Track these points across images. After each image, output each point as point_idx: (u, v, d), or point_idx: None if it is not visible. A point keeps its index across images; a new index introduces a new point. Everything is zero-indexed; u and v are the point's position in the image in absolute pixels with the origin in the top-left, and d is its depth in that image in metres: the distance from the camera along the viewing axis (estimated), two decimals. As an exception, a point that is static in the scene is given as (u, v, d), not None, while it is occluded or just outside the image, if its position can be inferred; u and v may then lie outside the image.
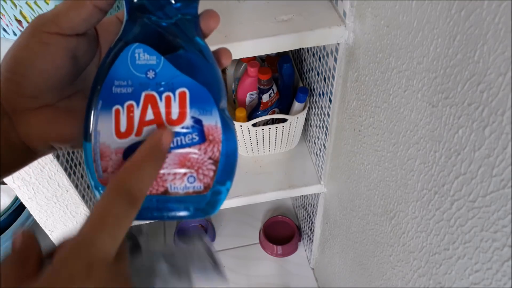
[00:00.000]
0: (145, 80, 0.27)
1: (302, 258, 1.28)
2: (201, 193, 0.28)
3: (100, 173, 0.27)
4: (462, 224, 0.41)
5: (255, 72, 0.84)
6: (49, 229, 0.89)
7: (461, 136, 0.38)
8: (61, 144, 0.29)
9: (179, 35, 0.27)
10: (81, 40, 0.28)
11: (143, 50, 0.27)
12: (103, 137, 0.27)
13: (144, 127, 0.27)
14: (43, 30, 0.26)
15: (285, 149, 0.97)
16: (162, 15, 0.27)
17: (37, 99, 0.28)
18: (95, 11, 0.26)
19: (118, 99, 0.27)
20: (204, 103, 0.27)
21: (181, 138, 0.27)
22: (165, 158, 0.27)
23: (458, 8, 0.35)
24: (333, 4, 0.62)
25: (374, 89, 0.56)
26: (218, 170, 0.28)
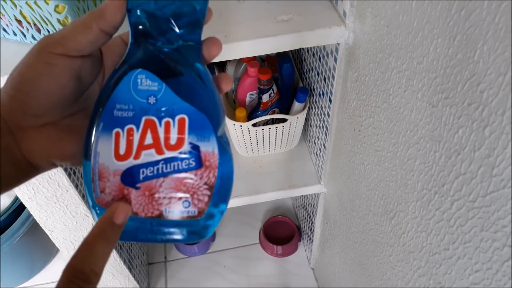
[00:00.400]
0: (146, 105, 0.28)
1: (302, 258, 1.28)
2: (195, 217, 0.28)
3: (97, 193, 0.28)
4: (462, 224, 0.41)
5: (255, 72, 0.83)
6: (49, 229, 0.89)
7: (461, 136, 0.38)
8: (63, 162, 0.30)
9: (180, 61, 0.28)
10: (86, 61, 0.28)
11: (146, 76, 0.28)
12: (103, 158, 0.28)
13: (143, 151, 0.28)
14: (49, 51, 0.26)
15: (285, 149, 0.97)
16: (165, 40, 0.28)
17: (41, 117, 0.28)
18: (101, 35, 0.27)
19: (119, 122, 0.28)
20: (202, 129, 0.28)
21: (178, 163, 0.28)
22: (120, 232, 0.27)
23: (458, 8, 0.35)
24: (333, 4, 0.62)
25: (374, 89, 0.56)
26: (213, 195, 0.28)
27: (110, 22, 0.27)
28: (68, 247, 0.95)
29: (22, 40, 0.59)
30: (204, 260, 1.28)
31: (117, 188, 0.28)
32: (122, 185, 0.28)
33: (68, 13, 0.51)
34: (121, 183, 0.28)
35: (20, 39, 0.59)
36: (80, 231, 0.91)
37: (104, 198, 0.28)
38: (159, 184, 0.28)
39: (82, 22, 0.27)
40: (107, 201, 0.28)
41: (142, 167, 0.28)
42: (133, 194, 0.28)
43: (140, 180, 0.28)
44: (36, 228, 1.14)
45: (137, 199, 0.28)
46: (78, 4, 0.53)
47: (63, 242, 0.94)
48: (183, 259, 1.29)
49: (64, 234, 0.91)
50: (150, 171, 0.28)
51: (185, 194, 0.28)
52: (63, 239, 0.93)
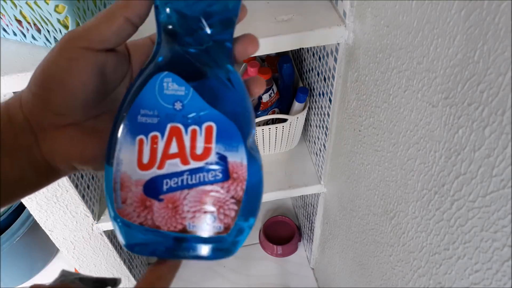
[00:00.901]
0: (171, 111, 0.26)
1: (302, 258, 1.28)
2: (221, 233, 0.26)
3: (119, 203, 0.26)
4: (462, 224, 0.41)
5: (255, 72, 0.84)
6: (49, 229, 0.89)
7: (461, 136, 0.38)
8: (84, 165, 0.28)
9: (209, 63, 0.26)
10: (111, 56, 0.27)
11: (172, 79, 0.26)
12: (125, 167, 0.26)
13: (167, 161, 0.26)
14: (72, 45, 0.25)
15: (285, 149, 0.96)
16: (193, 40, 0.26)
17: (64, 117, 0.27)
18: (126, 25, 0.26)
19: (143, 129, 0.26)
20: (230, 139, 0.26)
21: (204, 174, 0.26)
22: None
23: (458, 8, 0.35)
24: (333, 4, 0.62)
25: (374, 89, 0.56)
26: (240, 209, 0.26)
27: (136, 10, 0.25)
28: (68, 247, 0.95)
29: (22, 40, 0.59)
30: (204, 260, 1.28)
31: (139, 199, 0.26)
32: (144, 196, 0.26)
33: (68, 13, 0.51)
34: (143, 194, 0.26)
35: (20, 39, 0.59)
36: (80, 231, 0.91)
37: (125, 209, 0.26)
38: (183, 196, 0.26)
39: (106, 11, 0.26)
40: (128, 212, 0.26)
41: (166, 177, 0.26)
42: (155, 206, 0.26)
43: (164, 191, 0.26)
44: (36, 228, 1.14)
45: (160, 212, 0.26)
46: (78, 4, 0.53)
47: (63, 242, 0.94)
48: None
49: (64, 234, 0.91)
50: (174, 182, 0.26)
51: (211, 208, 0.26)
52: (63, 239, 0.93)
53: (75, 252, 0.98)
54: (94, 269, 1.05)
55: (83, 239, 0.93)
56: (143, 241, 0.27)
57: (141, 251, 0.27)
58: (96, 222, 0.89)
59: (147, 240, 0.26)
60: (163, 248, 0.26)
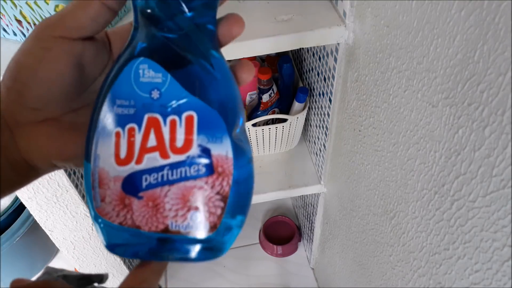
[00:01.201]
0: (148, 101, 0.24)
1: (302, 258, 1.28)
2: (206, 233, 0.25)
3: (98, 202, 0.24)
4: (462, 224, 0.41)
5: (255, 72, 0.83)
6: (49, 229, 0.89)
7: (461, 136, 0.38)
8: (64, 163, 0.27)
9: (189, 48, 0.24)
10: (88, 45, 0.25)
11: (148, 66, 0.24)
12: (103, 162, 0.24)
13: (146, 154, 0.24)
14: (47, 34, 0.24)
15: (285, 149, 0.96)
16: (172, 25, 0.24)
17: (40, 111, 0.25)
18: (103, 10, 0.24)
19: (119, 121, 0.24)
20: (214, 129, 0.24)
21: (186, 169, 0.24)
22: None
23: (458, 8, 0.35)
24: (333, 4, 0.62)
25: (374, 89, 0.56)
26: (227, 206, 0.24)
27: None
28: (68, 247, 0.95)
29: (22, 40, 0.59)
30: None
31: (118, 197, 0.24)
32: (123, 193, 0.24)
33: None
34: (122, 191, 0.24)
35: (20, 39, 0.59)
36: (80, 231, 0.91)
37: (104, 208, 0.24)
38: (164, 193, 0.24)
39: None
40: (107, 212, 0.24)
41: (145, 173, 0.24)
42: (135, 205, 0.24)
43: (143, 188, 0.24)
44: (36, 228, 1.15)
45: (140, 211, 0.24)
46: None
47: (63, 242, 0.94)
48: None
49: (64, 234, 0.91)
50: (154, 178, 0.24)
51: (195, 205, 0.24)
52: (63, 239, 0.93)
53: (75, 252, 0.98)
54: (94, 269, 1.05)
55: (83, 239, 0.93)
56: (124, 242, 0.25)
57: (123, 252, 0.25)
58: (96, 222, 0.89)
59: (128, 241, 0.25)
60: (145, 249, 0.25)
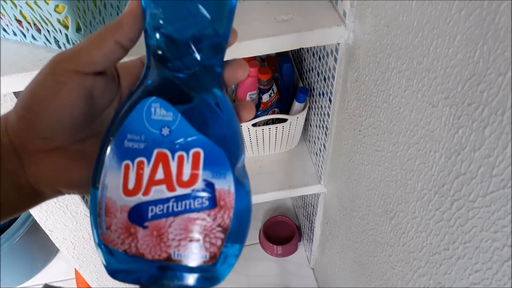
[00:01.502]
0: (158, 137, 0.25)
1: (302, 258, 1.28)
2: (206, 263, 0.26)
3: (103, 229, 0.26)
4: (462, 224, 0.41)
5: (255, 72, 0.84)
6: (49, 229, 0.89)
7: (461, 136, 0.38)
8: (70, 190, 0.28)
9: (197, 87, 0.26)
10: (99, 79, 0.27)
11: (160, 104, 0.26)
12: (110, 192, 0.26)
13: (153, 187, 0.25)
14: (61, 67, 0.25)
15: (285, 149, 0.97)
16: (182, 65, 0.26)
17: (50, 140, 0.27)
18: (116, 48, 0.26)
19: (129, 154, 0.26)
20: (218, 165, 0.26)
21: (190, 201, 0.26)
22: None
23: (458, 8, 0.35)
24: (333, 4, 0.62)
25: (374, 89, 0.56)
26: (227, 237, 0.26)
27: (126, 33, 0.25)
28: (68, 247, 0.95)
29: (22, 40, 0.59)
30: (204, 260, 1.28)
31: (124, 226, 0.26)
32: (129, 223, 0.26)
33: (68, 13, 0.51)
34: (128, 220, 0.26)
35: (20, 39, 0.59)
36: (80, 231, 0.91)
37: (109, 236, 0.26)
38: (169, 224, 0.26)
39: (97, 34, 0.25)
40: (112, 239, 0.26)
41: (151, 204, 0.26)
42: (140, 234, 0.26)
43: (149, 218, 0.26)
44: (36, 228, 1.15)
45: (144, 239, 0.26)
46: (78, 4, 0.53)
47: (63, 242, 0.94)
48: (183, 259, 1.29)
49: (64, 234, 0.91)
50: (159, 209, 0.26)
51: (197, 236, 0.26)
52: (63, 239, 0.93)
53: (75, 252, 0.98)
54: (94, 269, 1.05)
55: (83, 239, 0.93)
56: (127, 269, 0.26)
57: (125, 278, 0.26)
58: (96, 222, 0.89)
59: (130, 267, 0.26)
60: (146, 276, 0.26)
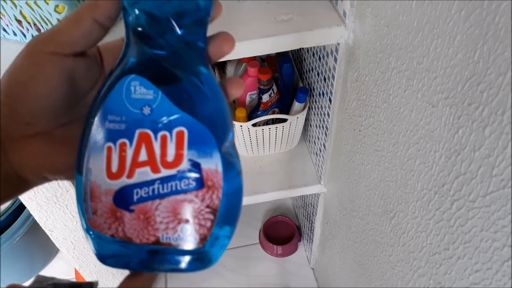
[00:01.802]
0: (140, 117, 0.24)
1: (302, 258, 1.28)
2: (196, 245, 0.25)
3: (90, 214, 0.25)
4: (462, 224, 0.41)
5: (255, 72, 0.84)
6: (49, 229, 0.89)
7: (461, 136, 0.38)
8: (55, 175, 0.27)
9: (179, 65, 0.25)
10: (80, 61, 0.26)
11: (140, 82, 0.24)
12: (94, 176, 0.25)
13: (137, 169, 0.24)
14: (39, 49, 0.24)
15: (285, 149, 0.97)
16: (163, 42, 0.25)
17: (32, 126, 0.26)
18: (95, 27, 0.25)
19: (111, 135, 0.25)
20: (204, 144, 0.25)
21: (176, 183, 0.25)
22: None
23: (458, 8, 0.35)
24: (333, 4, 0.62)
25: (374, 89, 0.56)
26: (217, 219, 0.25)
27: (104, 10, 0.24)
28: (68, 247, 0.95)
29: (22, 40, 0.59)
30: (204, 260, 1.28)
31: (110, 210, 0.25)
32: (114, 207, 0.25)
33: (68, 13, 0.51)
34: (113, 204, 0.25)
35: (20, 39, 0.59)
36: (80, 231, 0.91)
37: (96, 220, 0.25)
38: (155, 206, 0.25)
39: (74, 13, 0.24)
40: (99, 224, 0.25)
41: (136, 187, 0.25)
42: (126, 218, 0.25)
43: (134, 202, 0.25)
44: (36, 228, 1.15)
45: (131, 223, 0.25)
46: (78, 4, 0.53)
47: (63, 242, 0.94)
48: (183, 259, 1.29)
49: (64, 234, 0.91)
50: (145, 192, 0.25)
51: (185, 218, 0.25)
52: (63, 239, 0.93)
53: (75, 252, 0.98)
54: (94, 269, 1.05)
55: (83, 239, 0.93)
56: (116, 254, 0.25)
57: (114, 263, 0.26)
58: (96, 222, 0.89)
59: (120, 252, 0.25)
60: (137, 260, 0.25)
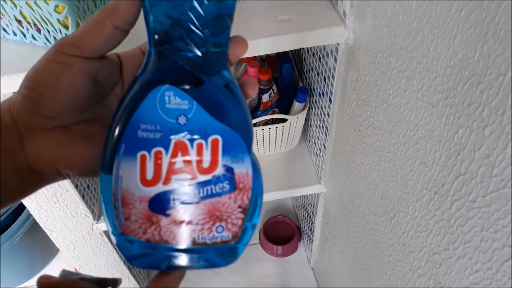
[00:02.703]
0: (175, 126, 0.25)
1: (302, 258, 1.28)
2: (228, 242, 0.27)
3: (121, 221, 0.26)
4: (462, 224, 0.41)
5: (255, 72, 0.84)
6: (49, 229, 0.89)
7: (461, 136, 0.38)
8: (69, 170, 0.28)
9: (206, 70, 0.26)
10: (103, 63, 0.27)
11: (174, 93, 0.25)
12: (126, 184, 0.25)
13: (173, 175, 0.26)
14: (65, 52, 0.26)
15: (285, 149, 0.96)
16: (186, 47, 0.26)
17: (52, 120, 0.27)
18: (115, 32, 0.26)
19: (144, 144, 0.25)
20: (236, 150, 0.26)
21: (212, 187, 0.26)
22: None
23: (458, 8, 0.35)
24: (333, 4, 0.62)
25: (374, 89, 0.56)
26: (246, 216, 0.27)
27: (124, 16, 0.25)
28: (68, 247, 0.95)
29: (22, 40, 0.59)
30: (204, 260, 1.28)
31: (145, 215, 0.26)
32: (150, 212, 0.26)
33: (68, 13, 0.51)
34: (149, 210, 0.26)
35: (20, 39, 0.59)
36: (80, 231, 0.91)
37: (129, 226, 0.26)
38: (191, 210, 0.26)
39: (94, 20, 0.25)
40: (133, 229, 0.26)
41: (173, 193, 0.26)
42: (162, 222, 0.26)
43: (171, 206, 0.26)
44: (36, 228, 1.14)
45: (168, 227, 0.26)
46: (78, 4, 0.53)
47: (63, 242, 0.94)
48: (183, 259, 1.29)
49: (64, 234, 0.91)
50: (181, 197, 0.26)
51: (219, 219, 0.26)
52: (63, 239, 0.93)
53: (75, 252, 0.98)
54: (94, 269, 1.05)
55: (83, 239, 0.94)
56: (149, 255, 0.26)
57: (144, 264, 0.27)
58: (96, 222, 0.89)
59: (153, 253, 0.26)
60: (173, 261, 0.27)
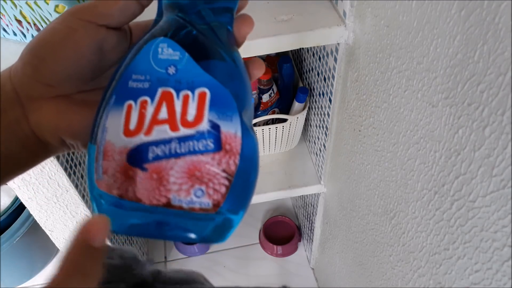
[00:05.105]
0: (164, 76, 0.24)
1: (302, 258, 1.28)
2: (208, 211, 0.24)
3: (99, 174, 0.24)
4: (462, 224, 0.41)
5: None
6: (49, 229, 0.89)
7: (461, 136, 0.38)
8: (72, 139, 0.27)
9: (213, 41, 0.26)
10: (111, 33, 0.26)
11: (168, 44, 0.25)
12: (110, 135, 0.24)
13: (155, 126, 0.24)
14: (75, 17, 0.25)
15: (285, 149, 0.97)
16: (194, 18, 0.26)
17: (54, 88, 0.26)
18: (133, 3, 0.26)
19: (133, 94, 0.24)
20: (225, 107, 0.24)
21: (194, 143, 0.24)
22: (102, 257, 0.22)
23: (458, 8, 0.35)
24: (333, 4, 0.62)
25: (374, 89, 0.56)
26: (231, 186, 0.24)
27: None
28: (68, 247, 0.95)
29: (22, 40, 0.59)
30: (204, 260, 1.28)
31: (122, 168, 0.24)
32: (127, 165, 0.24)
33: (68, 13, 0.51)
34: (126, 163, 0.24)
35: (20, 39, 0.59)
36: (80, 231, 0.91)
37: (105, 180, 0.24)
38: (170, 166, 0.24)
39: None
40: (108, 183, 0.24)
41: (153, 144, 0.24)
42: (139, 177, 0.24)
43: (149, 160, 0.24)
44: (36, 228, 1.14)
45: (143, 183, 0.24)
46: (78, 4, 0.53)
47: (63, 242, 0.94)
48: (183, 259, 1.29)
49: (64, 234, 0.91)
50: (161, 150, 0.24)
51: (199, 180, 0.24)
52: (63, 239, 0.93)
53: (75, 252, 0.97)
54: (94, 269, 1.05)
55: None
56: (122, 217, 0.24)
57: (119, 228, 0.24)
58: (96, 222, 0.89)
59: (127, 216, 0.24)
60: (145, 225, 0.24)
